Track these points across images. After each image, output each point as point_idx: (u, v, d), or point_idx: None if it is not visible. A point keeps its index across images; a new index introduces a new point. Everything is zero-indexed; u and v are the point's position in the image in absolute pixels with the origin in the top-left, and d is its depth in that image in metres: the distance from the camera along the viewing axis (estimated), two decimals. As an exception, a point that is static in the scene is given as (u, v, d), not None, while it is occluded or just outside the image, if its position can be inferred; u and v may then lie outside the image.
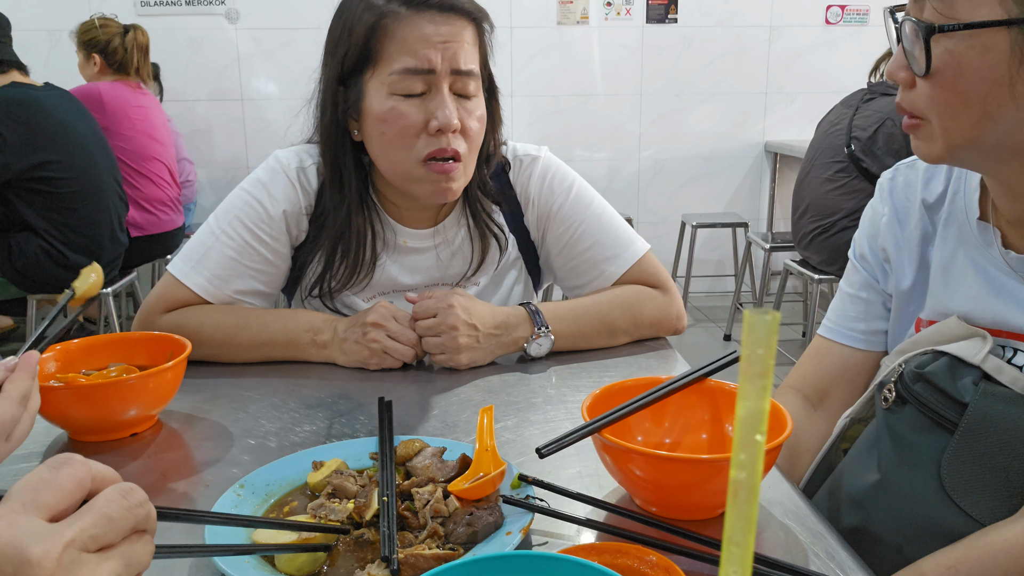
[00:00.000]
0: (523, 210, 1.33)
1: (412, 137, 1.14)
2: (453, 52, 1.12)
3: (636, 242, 1.32)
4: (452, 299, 1.14)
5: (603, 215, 1.32)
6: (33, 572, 0.40)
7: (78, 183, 2.80)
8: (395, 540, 0.68)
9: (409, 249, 1.29)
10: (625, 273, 1.29)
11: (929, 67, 0.76)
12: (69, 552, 0.41)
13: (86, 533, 0.42)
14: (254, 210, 1.23)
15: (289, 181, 1.24)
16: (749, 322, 0.29)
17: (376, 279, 1.29)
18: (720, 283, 4.97)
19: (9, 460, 0.91)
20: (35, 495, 0.43)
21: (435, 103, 1.13)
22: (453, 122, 1.13)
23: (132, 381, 0.93)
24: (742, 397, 0.29)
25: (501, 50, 4.91)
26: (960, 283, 0.89)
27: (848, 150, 2.95)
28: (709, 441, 0.84)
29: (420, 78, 1.12)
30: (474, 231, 1.30)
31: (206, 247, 1.22)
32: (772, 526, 0.75)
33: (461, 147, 1.16)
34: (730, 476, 0.30)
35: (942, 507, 0.79)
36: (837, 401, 1.02)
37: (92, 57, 3.50)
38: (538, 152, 1.34)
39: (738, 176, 4.90)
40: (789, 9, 4.70)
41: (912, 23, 0.76)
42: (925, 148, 0.82)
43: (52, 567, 0.40)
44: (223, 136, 4.53)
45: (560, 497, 0.75)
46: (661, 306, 1.28)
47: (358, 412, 1.02)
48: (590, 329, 1.23)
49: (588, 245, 1.30)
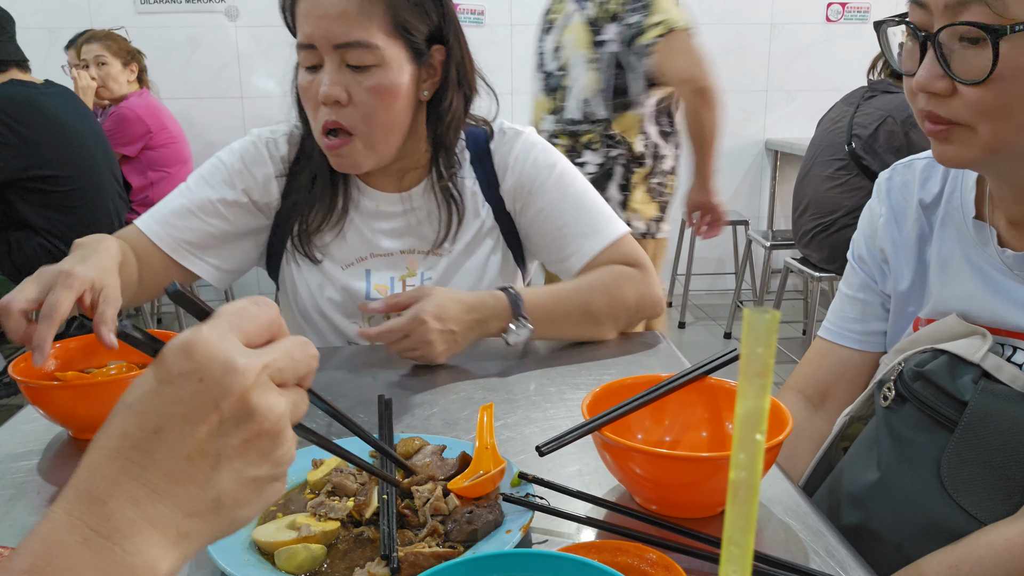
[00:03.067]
0: (499, 180, 1.32)
1: (312, 109, 1.18)
2: (330, 24, 1.12)
3: (614, 221, 1.32)
4: (422, 312, 1.11)
5: (586, 194, 1.32)
6: (237, 379, 0.44)
7: (77, 181, 2.80)
8: (395, 538, 0.68)
9: (381, 213, 1.31)
10: (604, 251, 1.28)
11: (992, 71, 0.71)
12: (263, 374, 0.46)
13: (276, 364, 0.47)
14: (218, 171, 1.29)
15: (257, 149, 1.30)
16: (749, 321, 0.29)
17: (351, 241, 1.30)
18: (720, 281, 4.97)
19: (9, 458, 0.91)
20: (239, 320, 0.47)
21: (322, 75, 1.15)
22: (330, 93, 1.13)
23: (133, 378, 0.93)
24: (742, 396, 0.29)
25: (501, 48, 4.86)
26: (957, 282, 0.89)
27: (849, 148, 2.95)
28: (709, 439, 0.84)
29: (310, 52, 1.15)
30: (441, 201, 1.30)
31: (168, 200, 1.28)
32: (772, 524, 0.75)
33: (349, 121, 1.16)
34: (730, 475, 0.30)
35: (942, 505, 0.79)
36: (838, 402, 1.02)
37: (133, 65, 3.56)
38: (523, 128, 1.35)
39: (738, 174, 4.89)
40: (790, 7, 4.69)
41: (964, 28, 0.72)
42: (958, 153, 0.78)
43: (253, 378, 0.45)
44: (223, 134, 4.53)
45: (560, 495, 0.75)
46: (640, 286, 1.27)
47: (358, 410, 1.02)
48: (570, 315, 1.22)
49: (567, 220, 1.30)
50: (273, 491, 0.48)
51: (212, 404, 0.44)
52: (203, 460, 0.44)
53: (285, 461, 0.47)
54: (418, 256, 1.31)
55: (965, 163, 0.80)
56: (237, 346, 0.45)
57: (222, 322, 0.46)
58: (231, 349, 0.45)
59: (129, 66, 3.59)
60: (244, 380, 0.44)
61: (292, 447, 0.48)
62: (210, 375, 0.44)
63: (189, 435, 0.43)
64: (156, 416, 0.43)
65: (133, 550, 0.41)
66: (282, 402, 0.46)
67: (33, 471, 0.88)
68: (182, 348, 0.44)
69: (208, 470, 0.44)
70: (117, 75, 3.57)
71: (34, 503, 0.81)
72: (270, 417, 0.45)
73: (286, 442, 0.47)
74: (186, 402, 0.43)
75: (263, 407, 0.45)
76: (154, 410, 0.44)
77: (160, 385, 0.44)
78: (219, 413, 0.44)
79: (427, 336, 1.11)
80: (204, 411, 0.43)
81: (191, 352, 0.44)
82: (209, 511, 0.44)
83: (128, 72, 3.59)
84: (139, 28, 4.29)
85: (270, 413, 0.45)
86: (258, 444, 0.45)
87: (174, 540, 0.43)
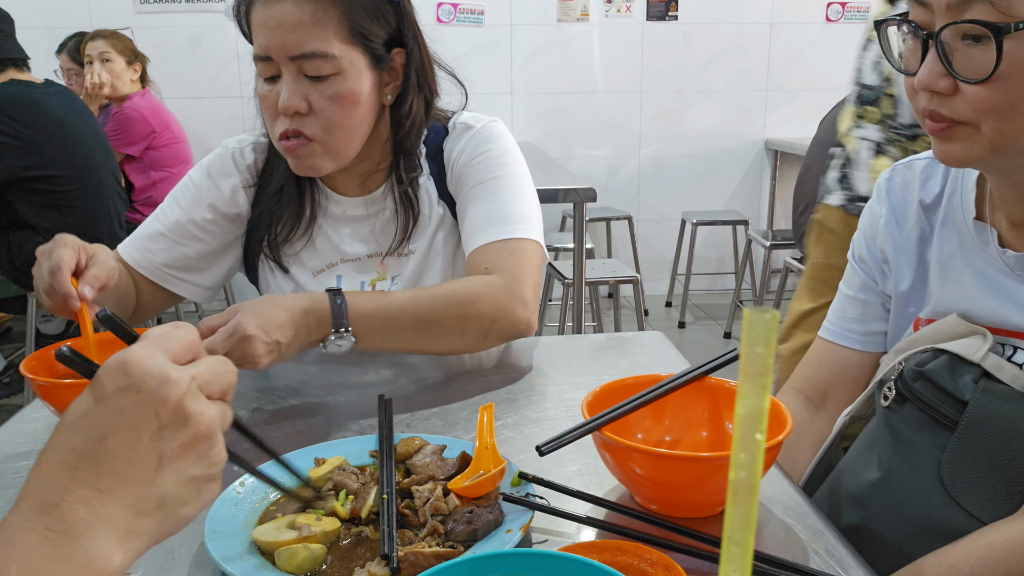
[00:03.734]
0: (446, 175, 1.30)
1: (272, 118, 1.17)
2: (285, 35, 1.10)
3: (522, 223, 1.19)
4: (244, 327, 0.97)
5: (508, 187, 1.22)
6: (172, 388, 0.48)
7: (77, 181, 2.80)
8: (395, 538, 0.68)
9: (348, 217, 1.30)
10: (487, 246, 1.18)
11: (996, 69, 0.71)
12: (193, 384, 0.50)
13: (202, 376, 0.51)
14: (188, 190, 1.30)
15: (223, 162, 1.30)
16: (748, 320, 0.29)
17: (320, 247, 1.30)
18: (720, 281, 4.97)
19: (9, 458, 0.91)
20: (165, 341, 0.51)
21: (280, 85, 1.14)
22: (290, 105, 1.12)
23: None
24: (742, 396, 0.29)
25: (501, 47, 4.87)
26: (958, 283, 0.89)
27: None
28: (709, 439, 0.84)
29: (267, 63, 1.14)
30: (399, 202, 1.28)
31: (145, 224, 1.30)
32: (772, 524, 0.75)
33: (311, 130, 1.14)
34: (730, 475, 0.30)
35: (942, 505, 0.79)
36: (838, 402, 1.02)
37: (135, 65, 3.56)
38: (475, 123, 1.29)
39: (738, 174, 4.89)
40: (790, 6, 4.69)
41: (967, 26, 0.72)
42: (960, 152, 0.78)
43: (185, 387, 0.49)
44: (223, 134, 4.51)
45: (560, 495, 0.75)
46: (499, 297, 1.11)
47: (358, 409, 1.02)
48: (404, 326, 1.09)
49: (474, 210, 1.23)
50: (209, 491, 0.52)
51: (152, 412, 0.48)
52: (147, 463, 0.48)
53: (218, 461, 0.52)
54: (386, 258, 1.30)
55: (968, 162, 0.80)
56: (167, 361, 0.50)
57: (150, 343, 0.51)
58: (162, 363, 0.49)
59: (133, 65, 3.60)
60: (178, 389, 0.49)
61: (223, 449, 0.52)
62: (147, 387, 0.48)
63: (133, 441, 0.48)
64: (100, 428, 0.47)
65: (89, 545, 0.46)
66: (213, 408, 0.51)
67: (33, 471, 0.88)
68: (118, 367, 0.48)
69: (152, 472, 0.48)
70: (121, 73, 3.58)
71: (34, 503, 0.81)
72: (203, 421, 0.50)
73: (218, 444, 0.52)
74: (128, 412, 0.48)
75: (196, 412, 0.50)
76: (98, 423, 0.48)
77: (100, 401, 0.48)
78: (159, 420, 0.48)
79: (253, 349, 0.97)
80: (145, 419, 0.48)
81: (127, 369, 0.48)
82: (155, 509, 0.49)
83: (132, 71, 3.60)
84: (139, 28, 4.28)
85: (203, 417, 0.50)
86: (195, 446, 0.50)
87: (125, 536, 0.47)
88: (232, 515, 0.73)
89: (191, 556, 0.70)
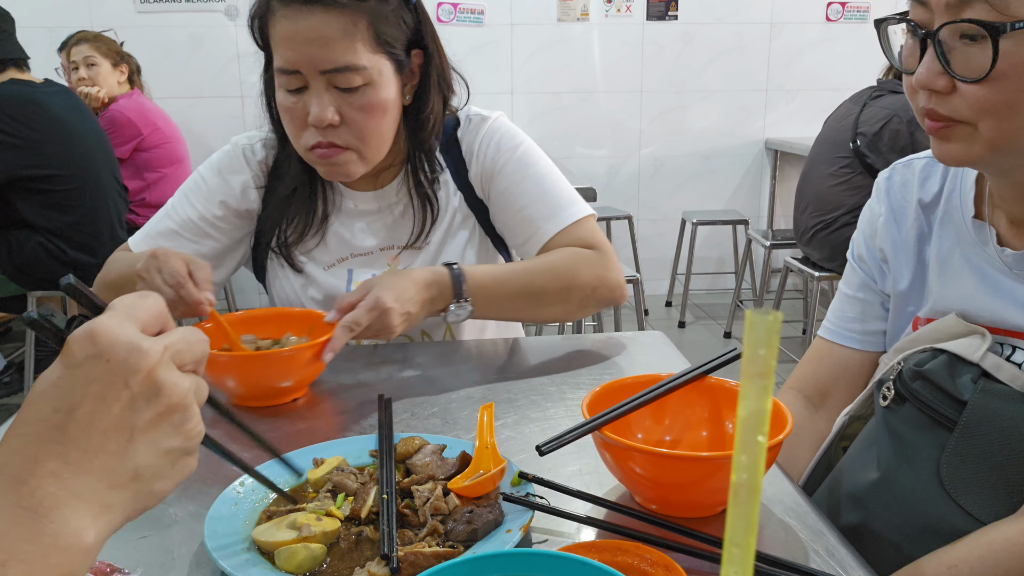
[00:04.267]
0: (467, 167, 1.32)
1: (299, 129, 1.17)
2: (316, 51, 1.09)
3: (576, 204, 1.29)
4: (383, 300, 1.07)
5: (546, 176, 1.30)
6: (143, 358, 0.47)
7: (77, 180, 2.80)
8: (395, 538, 0.68)
9: (358, 212, 1.31)
10: (561, 233, 1.26)
11: (992, 69, 0.71)
12: (165, 354, 0.49)
13: (175, 346, 0.50)
14: (199, 187, 1.30)
15: (233, 158, 1.30)
16: (751, 322, 0.29)
17: (331, 243, 1.31)
18: (720, 280, 4.97)
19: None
20: (133, 311, 0.49)
21: (310, 98, 1.13)
22: (324, 118, 1.12)
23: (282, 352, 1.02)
24: (743, 397, 0.29)
25: (501, 47, 4.87)
26: (956, 282, 0.89)
27: (853, 146, 2.94)
28: (709, 439, 0.84)
29: (294, 77, 1.12)
30: (416, 197, 1.30)
31: (156, 221, 1.30)
32: (772, 524, 0.75)
33: (344, 140, 1.15)
34: (731, 477, 0.30)
35: (942, 505, 0.79)
36: (838, 401, 1.02)
37: (122, 66, 3.55)
38: (490, 114, 1.33)
39: (738, 173, 4.89)
40: (790, 6, 4.69)
41: (965, 25, 0.72)
42: (959, 151, 0.78)
43: (157, 357, 0.48)
44: (223, 134, 4.51)
45: (560, 495, 0.76)
46: (596, 269, 1.23)
47: (358, 409, 1.02)
48: (514, 296, 1.20)
49: (527, 202, 1.28)
50: (186, 464, 0.51)
51: (122, 382, 0.46)
52: (119, 434, 0.47)
53: (195, 435, 0.51)
54: (397, 251, 1.32)
55: (967, 161, 0.80)
56: (137, 331, 0.48)
57: (119, 312, 0.49)
58: (132, 332, 0.48)
59: (119, 67, 3.57)
60: (149, 359, 0.47)
61: (199, 422, 0.51)
62: (115, 355, 0.47)
63: (103, 411, 0.46)
64: (69, 398, 0.46)
65: (60, 520, 0.44)
66: (186, 380, 0.50)
67: (33, 471, 0.87)
68: (86, 335, 0.47)
69: (124, 443, 0.47)
70: (107, 76, 3.56)
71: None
72: (177, 391, 0.49)
73: (194, 416, 0.50)
74: (97, 381, 0.46)
75: (169, 383, 0.48)
76: (66, 393, 0.46)
77: (68, 370, 0.46)
78: (129, 390, 0.47)
79: (389, 321, 1.08)
80: (115, 389, 0.46)
81: (95, 337, 0.47)
82: (129, 481, 0.47)
83: (118, 73, 3.58)
84: (139, 28, 4.29)
85: (176, 388, 0.49)
86: (169, 417, 0.49)
87: (98, 511, 0.46)
88: (232, 515, 0.73)
89: (191, 556, 0.70)
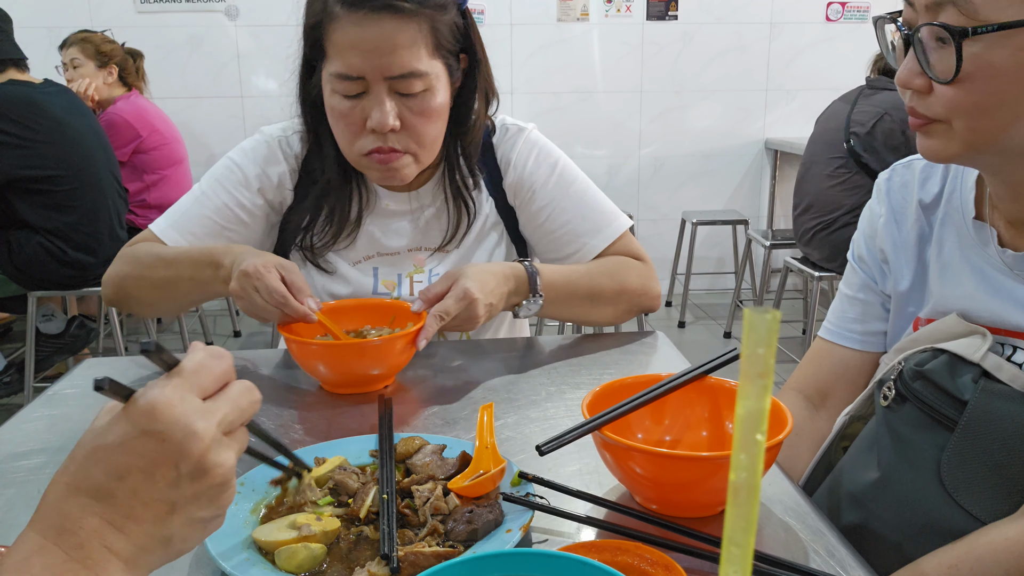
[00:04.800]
0: (502, 174, 1.33)
1: (353, 134, 1.16)
2: (383, 58, 1.10)
3: (619, 218, 1.35)
4: (470, 291, 1.10)
5: (587, 191, 1.34)
6: (196, 442, 0.50)
7: (76, 180, 2.79)
8: (395, 538, 0.68)
9: (390, 212, 1.31)
10: (606, 249, 1.32)
11: (958, 72, 0.73)
12: (218, 432, 0.52)
13: (227, 418, 0.53)
14: (233, 174, 1.28)
15: (271, 149, 1.29)
16: (750, 321, 0.29)
17: (359, 241, 1.31)
18: (720, 280, 4.97)
19: (9, 458, 0.91)
20: (198, 378, 0.52)
21: (370, 103, 1.13)
22: (387, 123, 1.12)
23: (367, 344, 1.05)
24: (742, 396, 0.29)
25: (501, 47, 4.86)
26: (957, 283, 0.89)
27: (848, 145, 2.95)
28: (709, 439, 0.84)
29: (354, 82, 1.12)
30: (451, 200, 1.31)
31: (186, 207, 1.27)
32: (772, 524, 0.75)
33: (403, 144, 1.16)
34: (730, 476, 0.30)
35: (942, 505, 0.79)
36: (838, 402, 1.02)
37: (110, 68, 3.53)
38: (525, 125, 1.36)
39: (738, 173, 4.90)
40: (789, 6, 4.69)
41: (934, 29, 0.74)
42: (938, 147, 0.80)
43: (209, 440, 0.51)
44: (222, 134, 4.52)
45: (560, 495, 0.76)
46: (642, 277, 1.31)
47: (358, 409, 1.02)
48: (578, 296, 1.25)
49: (569, 218, 1.32)
50: (215, 526, 0.55)
51: (171, 463, 0.50)
52: (159, 506, 0.51)
53: (228, 503, 0.54)
54: (425, 253, 1.32)
55: (946, 158, 0.81)
56: (196, 407, 0.51)
57: (183, 382, 0.52)
58: (191, 413, 0.50)
59: (105, 68, 3.54)
60: (201, 444, 0.50)
61: (234, 491, 0.54)
62: (171, 437, 0.49)
63: (149, 486, 0.50)
64: (120, 466, 0.49)
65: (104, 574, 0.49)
66: (232, 456, 0.53)
67: (33, 471, 0.88)
68: (147, 409, 0.50)
69: (163, 515, 0.51)
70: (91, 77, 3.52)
71: (34, 503, 0.81)
72: (221, 472, 0.52)
73: (231, 488, 0.54)
74: (148, 457, 0.49)
75: (215, 465, 0.51)
76: (119, 460, 0.49)
77: (126, 439, 0.50)
78: (176, 471, 0.50)
79: (476, 312, 1.11)
80: (164, 468, 0.50)
81: (154, 414, 0.49)
82: (160, 546, 0.52)
83: (105, 74, 3.55)
84: (139, 28, 4.29)
85: (220, 468, 0.52)
86: (208, 493, 0.52)
87: (128, 569, 0.50)
88: (232, 515, 0.73)
89: (191, 556, 0.70)
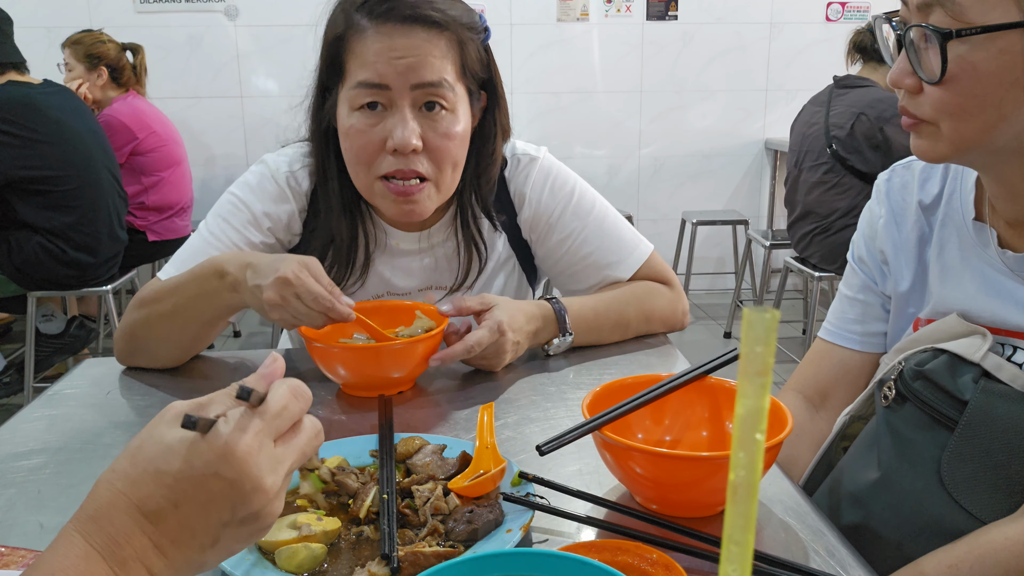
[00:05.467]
0: (516, 209, 1.30)
1: (371, 155, 1.11)
2: (412, 65, 1.07)
3: (640, 245, 1.32)
4: (502, 324, 1.07)
5: (605, 220, 1.31)
6: (260, 496, 0.52)
7: (76, 181, 2.80)
8: (395, 538, 0.68)
9: (400, 251, 1.27)
10: (636, 275, 1.29)
11: (944, 73, 0.74)
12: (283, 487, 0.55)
13: (292, 468, 0.56)
14: (241, 212, 1.21)
15: (278, 186, 1.23)
16: (748, 320, 0.29)
17: (369, 281, 1.27)
18: (720, 280, 4.97)
19: (9, 458, 0.91)
20: (279, 422, 0.54)
21: (393, 120, 1.09)
22: (410, 142, 1.08)
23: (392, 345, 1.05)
24: (741, 395, 0.29)
25: (501, 47, 4.85)
26: (957, 283, 0.89)
27: (831, 150, 2.96)
28: (709, 439, 0.84)
29: (376, 92, 1.08)
30: (463, 244, 1.26)
31: (193, 248, 1.20)
32: (772, 523, 0.75)
33: (424, 168, 1.11)
34: (729, 475, 0.30)
35: (942, 505, 0.79)
36: (838, 402, 1.02)
37: (99, 70, 3.51)
38: (537, 153, 1.31)
39: (738, 173, 4.90)
40: (789, 6, 4.69)
41: (923, 29, 0.74)
42: (928, 147, 0.81)
43: (272, 495, 0.53)
44: (222, 135, 4.53)
45: (560, 494, 0.76)
46: (670, 302, 1.30)
47: (358, 409, 1.02)
48: (607, 326, 1.23)
49: (590, 251, 1.28)
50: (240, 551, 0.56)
51: (230, 506, 0.52)
52: (205, 537, 0.52)
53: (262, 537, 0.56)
54: (437, 292, 1.28)
55: (936, 158, 0.82)
56: (269, 458, 0.53)
57: (266, 427, 0.53)
58: (264, 466, 0.52)
59: (95, 70, 3.53)
60: (265, 498, 0.53)
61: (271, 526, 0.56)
62: (240, 487, 0.51)
63: (202, 519, 0.52)
64: (181, 494, 0.51)
65: None
66: (281, 506, 0.55)
67: (33, 471, 0.88)
68: (226, 453, 0.51)
69: (206, 546, 0.53)
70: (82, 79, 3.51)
71: (34, 503, 0.81)
72: (270, 520, 0.54)
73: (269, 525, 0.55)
74: (210, 495, 0.51)
75: (268, 514, 0.54)
76: (181, 489, 0.51)
77: (195, 473, 0.51)
78: (232, 514, 0.52)
79: (504, 347, 1.08)
80: (222, 508, 0.52)
81: (232, 461, 0.51)
82: (191, 570, 0.54)
83: (96, 76, 3.53)
84: (138, 28, 4.29)
85: (271, 518, 0.54)
86: (253, 535, 0.55)
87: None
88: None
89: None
